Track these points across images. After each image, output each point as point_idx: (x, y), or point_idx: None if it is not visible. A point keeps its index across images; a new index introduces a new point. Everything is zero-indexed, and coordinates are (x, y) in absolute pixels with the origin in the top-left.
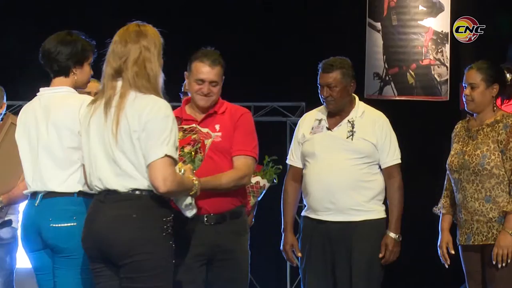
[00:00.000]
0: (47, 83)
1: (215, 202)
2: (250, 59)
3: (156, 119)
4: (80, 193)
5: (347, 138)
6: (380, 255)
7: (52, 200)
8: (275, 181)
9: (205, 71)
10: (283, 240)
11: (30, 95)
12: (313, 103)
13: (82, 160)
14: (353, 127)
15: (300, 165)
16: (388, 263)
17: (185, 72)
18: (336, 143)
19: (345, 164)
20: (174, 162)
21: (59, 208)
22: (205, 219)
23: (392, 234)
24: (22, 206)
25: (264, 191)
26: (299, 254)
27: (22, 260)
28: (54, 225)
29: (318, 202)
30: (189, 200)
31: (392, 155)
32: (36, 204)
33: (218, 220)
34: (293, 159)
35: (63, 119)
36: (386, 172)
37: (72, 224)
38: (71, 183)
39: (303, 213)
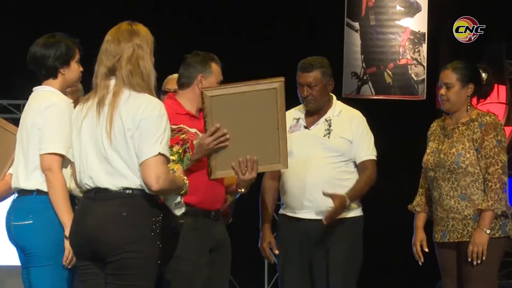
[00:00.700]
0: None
1: (219, 198)
2: (228, 59)
3: (150, 118)
4: (38, 191)
5: (324, 136)
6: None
7: (19, 198)
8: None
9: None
10: (261, 238)
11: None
12: (292, 102)
13: (72, 158)
14: (330, 126)
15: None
16: (328, 219)
17: (200, 75)
18: (313, 142)
19: (322, 162)
20: (167, 160)
21: (18, 206)
22: (213, 214)
23: (345, 194)
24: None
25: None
26: (277, 252)
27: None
28: (14, 223)
29: (295, 200)
30: (178, 198)
31: (367, 150)
32: (11, 202)
33: (219, 216)
34: None
35: (31, 118)
36: (361, 166)
37: (28, 222)
38: (32, 182)
39: (280, 211)
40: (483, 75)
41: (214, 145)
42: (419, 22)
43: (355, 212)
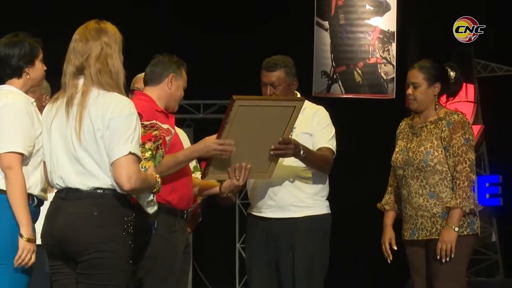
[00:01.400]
0: None
1: (191, 198)
2: (198, 58)
3: (120, 117)
4: None
5: (291, 134)
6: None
7: None
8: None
9: None
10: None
11: None
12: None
13: (43, 157)
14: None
15: None
16: (277, 152)
17: (172, 74)
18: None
19: (286, 161)
20: (138, 160)
21: None
22: (186, 213)
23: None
24: None
25: None
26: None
27: None
28: None
29: (260, 199)
30: (151, 197)
31: (326, 139)
32: None
33: (188, 216)
34: None
35: None
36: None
37: None
38: None
39: (248, 210)
40: (451, 73)
41: (219, 154)
42: (388, 21)
43: (320, 209)
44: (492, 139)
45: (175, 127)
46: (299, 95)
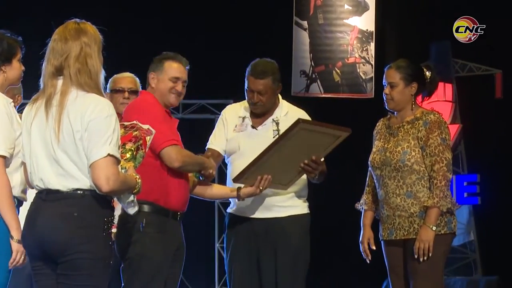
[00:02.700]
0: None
1: (187, 200)
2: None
3: (99, 119)
4: None
5: (273, 137)
6: None
7: None
8: (201, 178)
9: (180, 70)
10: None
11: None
12: (241, 100)
13: (23, 158)
14: (278, 126)
15: (220, 150)
16: (307, 169)
17: (151, 73)
18: (262, 142)
19: None
20: (117, 161)
21: None
22: (179, 215)
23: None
24: None
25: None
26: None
27: None
28: None
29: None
30: (131, 197)
31: None
32: None
33: (182, 218)
34: (214, 142)
35: None
36: None
37: None
38: None
39: (228, 210)
40: (427, 73)
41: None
42: (366, 21)
43: (301, 209)
44: (470, 138)
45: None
46: (280, 97)
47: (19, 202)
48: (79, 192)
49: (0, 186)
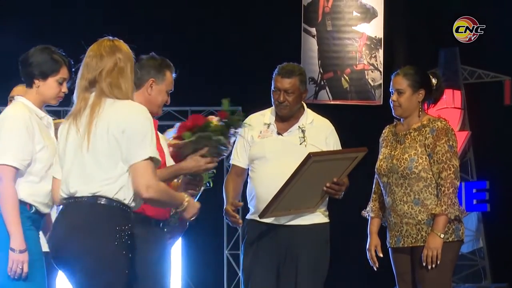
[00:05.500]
0: None
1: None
2: (186, 64)
3: (137, 122)
4: None
5: (300, 144)
6: None
7: None
8: (208, 184)
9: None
10: (225, 208)
11: None
12: (249, 108)
13: (54, 173)
14: (304, 134)
15: (244, 166)
16: (330, 191)
17: (152, 79)
18: (288, 148)
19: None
20: (157, 163)
21: None
22: (162, 224)
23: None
24: None
25: (199, 194)
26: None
27: None
28: None
29: (266, 205)
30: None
31: None
32: None
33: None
34: (237, 158)
35: None
36: None
37: None
38: None
39: (248, 216)
40: (433, 80)
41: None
42: (375, 28)
43: (323, 218)
44: (479, 145)
45: (158, 133)
46: (305, 105)
47: (39, 213)
48: (95, 198)
49: (6, 196)
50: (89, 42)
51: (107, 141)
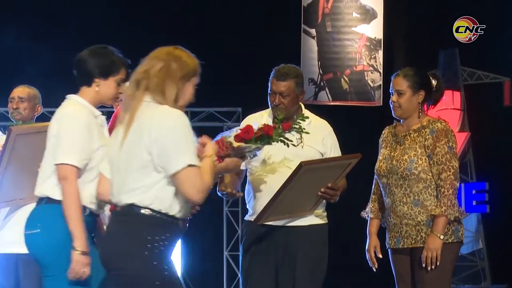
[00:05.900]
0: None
1: None
2: None
3: (170, 130)
4: (49, 199)
5: (297, 145)
6: None
7: (35, 206)
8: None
9: None
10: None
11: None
12: (249, 109)
13: (104, 172)
14: (301, 135)
15: (242, 167)
16: (325, 196)
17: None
18: (285, 150)
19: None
20: (198, 169)
21: (30, 215)
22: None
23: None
24: None
25: None
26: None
27: None
28: (25, 232)
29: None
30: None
31: None
32: None
33: None
34: None
35: (51, 126)
36: None
37: (35, 231)
38: (43, 189)
39: (246, 218)
40: (433, 82)
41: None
42: (375, 29)
43: (321, 219)
44: (479, 146)
45: None
46: (303, 106)
47: (91, 213)
48: (135, 209)
49: (69, 196)
50: (89, 42)
51: (141, 152)
